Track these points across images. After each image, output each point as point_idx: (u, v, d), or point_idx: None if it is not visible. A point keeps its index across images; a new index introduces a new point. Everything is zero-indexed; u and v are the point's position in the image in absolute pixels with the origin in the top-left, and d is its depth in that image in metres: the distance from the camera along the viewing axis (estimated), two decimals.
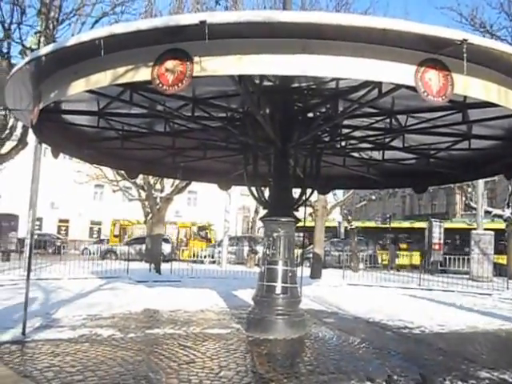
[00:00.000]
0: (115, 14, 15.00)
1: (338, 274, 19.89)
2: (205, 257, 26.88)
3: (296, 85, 7.17)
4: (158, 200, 19.24)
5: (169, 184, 20.72)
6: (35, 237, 18.16)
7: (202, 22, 4.35)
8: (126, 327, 8.04)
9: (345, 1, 17.25)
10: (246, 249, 26.28)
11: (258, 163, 8.43)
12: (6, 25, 13.49)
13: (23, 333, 7.07)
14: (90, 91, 6.05)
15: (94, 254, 24.95)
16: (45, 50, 5.46)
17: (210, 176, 11.56)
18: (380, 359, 6.45)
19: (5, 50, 13.78)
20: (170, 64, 4.75)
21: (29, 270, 7.55)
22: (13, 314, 8.64)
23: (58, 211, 43.92)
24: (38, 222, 26.16)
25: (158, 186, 20.62)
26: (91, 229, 48.49)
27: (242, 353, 6.67)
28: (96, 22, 14.75)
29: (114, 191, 28.07)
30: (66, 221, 47.27)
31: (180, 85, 4.75)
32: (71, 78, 5.36)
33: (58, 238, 36.23)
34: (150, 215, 23.67)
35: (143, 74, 4.89)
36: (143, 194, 23.56)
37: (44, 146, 8.13)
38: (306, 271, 15.04)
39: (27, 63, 5.58)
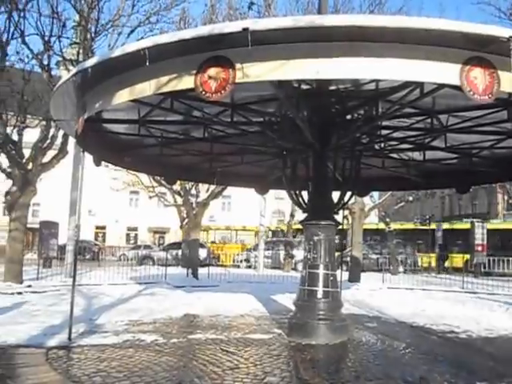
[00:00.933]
0: (150, 24, 15.27)
1: (377, 278, 19.59)
2: (241, 261, 26.94)
3: (334, 87, 7.12)
4: (194, 205, 19.40)
5: (203, 189, 20.90)
6: (74, 243, 18.51)
7: (245, 29, 4.38)
8: (167, 332, 8.12)
9: (378, 0, 17.04)
10: (282, 253, 26.19)
11: (296, 167, 8.40)
12: (45, 37, 13.87)
13: (69, 338, 7.22)
14: (132, 100, 6.14)
15: (131, 259, 25.36)
16: (90, 61, 5.60)
17: (247, 180, 11.59)
18: (427, 365, 6.30)
19: (45, 62, 14.17)
20: (212, 71, 4.80)
21: (74, 278, 7.72)
22: (57, 319, 8.87)
23: (95, 218, 44.81)
24: (76, 229, 26.78)
25: (193, 192, 20.78)
26: (128, 235, 49.29)
27: (285, 358, 6.65)
28: (131, 31, 15.06)
29: (149, 197, 28.45)
30: (103, 227, 48.18)
31: (223, 91, 4.80)
32: (116, 88, 5.47)
33: (96, 245, 36.96)
34: (186, 220, 23.92)
35: (186, 82, 4.95)
36: (179, 200, 23.80)
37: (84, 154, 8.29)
38: (344, 275, 14.87)
39: (74, 75, 5.72)
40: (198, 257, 19.38)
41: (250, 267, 25.36)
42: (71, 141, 15.81)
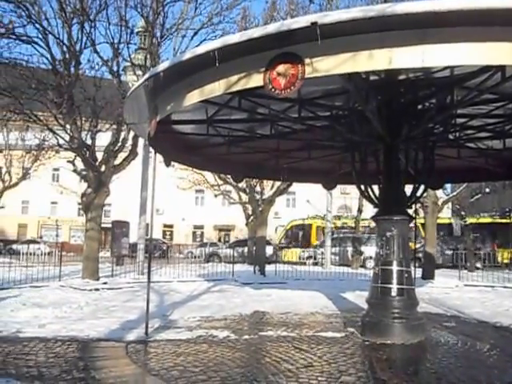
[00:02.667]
0: (212, 25, 15.49)
1: (453, 275, 18.86)
2: (307, 258, 26.81)
3: (404, 77, 6.89)
4: (260, 202, 19.50)
5: (268, 186, 20.96)
6: (144, 242, 19.15)
7: (314, 24, 4.33)
8: (239, 329, 8.19)
9: None
10: (350, 249, 25.78)
11: (366, 160, 8.22)
12: (114, 45, 14.40)
13: (146, 333, 7.48)
14: (202, 101, 6.23)
15: (198, 257, 25.89)
16: (162, 65, 5.75)
17: (314, 176, 11.48)
18: None
19: (115, 69, 14.74)
20: (281, 68, 4.78)
21: (149, 276, 7.96)
22: (134, 315, 9.21)
23: (163, 217, 46.15)
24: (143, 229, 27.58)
25: (257, 189, 20.89)
26: (194, 233, 50.46)
27: (360, 357, 6.52)
28: (195, 34, 15.35)
29: (215, 196, 28.92)
30: (171, 226, 49.57)
31: (292, 87, 4.77)
32: (186, 89, 5.58)
33: (164, 243, 38.04)
34: (252, 218, 24.10)
35: (255, 80, 4.97)
36: (244, 197, 24.02)
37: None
38: (418, 272, 14.42)
39: (147, 79, 5.90)
40: (264, 254, 19.46)
41: (316, 264, 25.15)
42: (140, 143, 16.40)
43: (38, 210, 44.07)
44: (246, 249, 26.52)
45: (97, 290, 13.37)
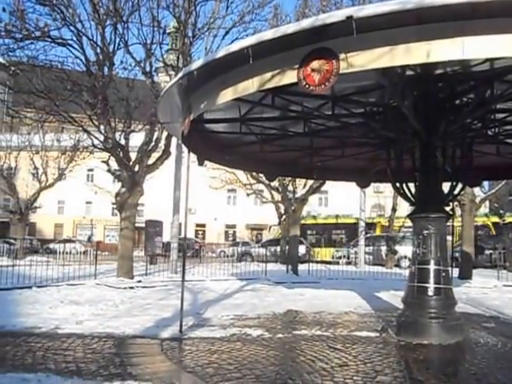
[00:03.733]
0: (244, 23, 15.49)
1: (491, 275, 18.37)
2: (340, 257, 26.57)
3: (441, 71, 6.72)
4: (293, 201, 19.42)
5: (301, 185, 20.88)
6: (178, 241, 19.34)
7: (349, 18, 4.27)
8: (272, 328, 8.17)
9: None
10: (384, 248, 25.41)
11: (401, 158, 8.06)
12: (147, 45, 14.58)
13: (180, 330, 7.54)
14: (235, 99, 6.23)
15: (230, 256, 25.99)
16: (196, 64, 5.77)
17: (348, 174, 11.35)
18: None
19: (147, 69, 14.91)
20: (315, 64, 4.73)
21: (183, 274, 8.04)
22: (168, 312, 9.30)
23: (195, 216, 46.54)
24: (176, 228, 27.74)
25: (290, 188, 20.82)
26: (226, 232, 50.69)
27: (395, 357, 6.41)
28: (226, 33, 15.39)
29: (247, 195, 28.98)
30: (203, 225, 49.91)
31: (327, 83, 4.72)
32: (220, 88, 5.59)
33: (196, 242, 38.35)
34: (284, 217, 24.04)
35: (289, 76, 4.94)
36: (277, 196, 23.98)
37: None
38: (454, 272, 14.09)
39: (180, 78, 5.93)
40: (297, 253, 19.38)
41: (349, 263, 24.89)
42: (173, 143, 16.55)
43: (74, 210, 45.03)
44: (278, 248, 26.49)
45: (131, 288, 13.56)
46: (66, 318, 8.60)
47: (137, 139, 16.20)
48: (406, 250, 23.68)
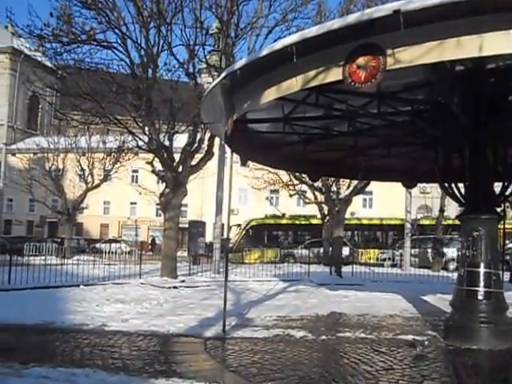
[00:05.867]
0: (286, 22, 15.39)
1: None
2: (384, 259, 26.07)
3: (492, 65, 6.45)
4: (336, 202, 19.18)
5: (345, 185, 20.59)
6: (220, 241, 19.46)
7: (397, 12, 4.16)
8: (316, 329, 8.08)
9: None
10: (431, 251, 24.74)
11: (450, 157, 7.80)
12: (190, 47, 14.71)
13: (223, 330, 7.56)
14: (278, 98, 6.19)
15: (274, 257, 25.98)
16: (239, 63, 5.76)
17: (394, 174, 11.10)
18: None
19: (191, 70, 15.07)
20: (361, 60, 4.64)
21: (226, 274, 8.06)
22: (211, 312, 9.35)
23: (237, 217, 46.68)
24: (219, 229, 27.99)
25: (333, 188, 20.57)
26: None
27: (443, 362, 6.24)
28: (269, 32, 15.34)
29: (290, 195, 28.83)
30: None
31: (373, 80, 4.62)
32: (263, 87, 5.56)
33: None
34: (328, 217, 23.78)
35: (334, 74, 4.86)
36: (320, 197, 23.75)
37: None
38: (505, 275, 13.55)
39: (223, 78, 5.94)
40: (341, 254, 19.14)
41: (394, 266, 24.37)
42: (216, 143, 16.66)
43: (119, 211, 46.02)
44: (321, 249, 26.24)
45: (175, 287, 13.72)
46: (112, 316, 8.79)
47: (180, 140, 16.42)
48: (453, 252, 23.06)
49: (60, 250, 25.32)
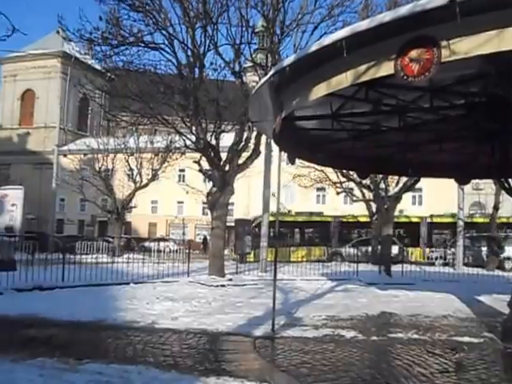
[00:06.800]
0: (332, 17, 15.16)
1: None
2: (436, 258, 25.34)
3: None
4: (385, 199, 18.77)
5: (393, 182, 20.12)
6: (267, 240, 19.42)
7: (452, 1, 3.97)
8: (366, 329, 7.97)
9: None
10: (485, 249, 23.82)
11: (508, 151, 7.47)
12: (236, 46, 14.75)
13: (272, 329, 7.55)
14: (327, 94, 6.08)
15: (320, 256, 25.75)
16: (288, 60, 5.69)
17: (446, 170, 10.72)
18: None
19: (236, 69, 15.09)
20: (414, 53, 4.48)
21: (275, 273, 8.07)
22: (259, 311, 9.35)
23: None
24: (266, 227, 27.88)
25: (381, 185, 20.12)
26: None
27: (502, 365, 6.01)
28: (315, 28, 15.15)
29: (337, 193, 28.50)
30: None
31: (427, 74, 4.46)
32: (312, 83, 5.48)
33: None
34: (376, 216, 23.33)
35: (385, 68, 4.72)
36: (368, 195, 23.34)
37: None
38: None
39: (272, 76, 5.89)
40: (390, 253, 18.73)
41: (446, 265, 23.63)
42: (263, 141, 16.65)
43: (166, 210, 46.74)
44: (369, 248, 25.80)
45: (223, 286, 13.82)
46: (162, 314, 8.93)
47: (227, 139, 16.51)
48: (509, 250, 22.16)
49: (110, 249, 26.04)
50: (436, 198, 33.93)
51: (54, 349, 6.16)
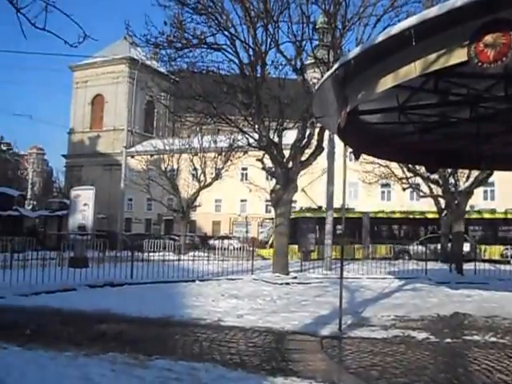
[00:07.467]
0: (395, 8, 14.66)
1: None
2: (511, 256, 24.02)
3: None
4: (456, 194, 17.97)
5: (463, 177, 19.22)
6: (331, 237, 19.14)
7: None
8: (439, 331, 7.62)
9: None
10: None
11: None
12: (297, 42, 14.62)
13: (339, 329, 7.38)
14: (393, 86, 5.85)
15: (386, 253, 25.10)
16: (353, 53, 5.53)
17: None
18: None
19: (298, 66, 14.94)
20: (489, 38, 4.22)
21: (341, 271, 7.91)
22: (325, 310, 9.19)
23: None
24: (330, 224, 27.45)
25: (451, 180, 19.27)
26: None
27: None
28: (378, 20, 14.72)
29: (403, 189, 27.72)
30: None
31: (504, 59, 4.21)
32: (379, 75, 5.29)
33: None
34: (445, 212, 22.46)
35: (458, 55, 4.48)
36: (436, 190, 22.50)
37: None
38: None
39: (336, 69, 5.74)
40: (461, 251, 17.93)
41: None
42: (325, 138, 16.44)
43: (229, 208, 47.32)
44: (438, 245, 24.84)
45: (287, 284, 13.75)
46: (227, 311, 8.98)
47: (290, 136, 16.43)
48: None
49: (176, 247, 26.66)
50: (510, 192, 32.19)
51: (124, 344, 6.32)
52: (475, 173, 17.16)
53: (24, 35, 4.09)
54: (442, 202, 23.42)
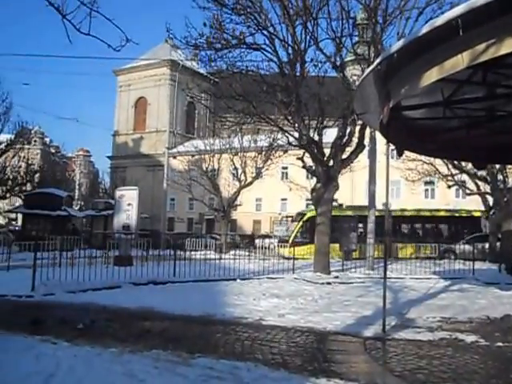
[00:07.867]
0: (438, 0, 14.24)
1: None
2: None
3: None
4: (505, 191, 17.33)
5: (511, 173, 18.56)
6: (374, 237, 18.81)
7: None
8: (489, 334, 7.34)
9: None
10: None
11: None
12: (337, 39, 14.41)
13: (383, 330, 7.23)
14: (438, 80, 5.65)
15: (430, 253, 24.49)
16: (396, 46, 5.35)
17: None
18: None
19: (338, 63, 14.73)
20: None
21: (385, 271, 7.71)
22: (368, 310, 9.02)
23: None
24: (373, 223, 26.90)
25: (499, 177, 18.59)
26: None
27: None
28: (420, 13, 14.32)
29: (448, 187, 26.96)
30: None
31: None
32: (423, 68, 5.10)
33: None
34: (493, 210, 21.70)
35: (508, 45, 4.25)
36: (483, 187, 21.78)
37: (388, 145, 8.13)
38: None
39: (379, 64, 5.58)
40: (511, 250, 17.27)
41: None
42: (366, 135, 16.16)
43: (270, 207, 47.30)
44: (486, 244, 24.03)
45: (329, 283, 13.60)
46: (268, 311, 8.94)
47: (330, 134, 16.25)
48: None
49: (217, 246, 26.86)
50: None
51: (167, 341, 6.39)
52: None
53: (70, 40, 4.23)
54: (490, 199, 22.64)
